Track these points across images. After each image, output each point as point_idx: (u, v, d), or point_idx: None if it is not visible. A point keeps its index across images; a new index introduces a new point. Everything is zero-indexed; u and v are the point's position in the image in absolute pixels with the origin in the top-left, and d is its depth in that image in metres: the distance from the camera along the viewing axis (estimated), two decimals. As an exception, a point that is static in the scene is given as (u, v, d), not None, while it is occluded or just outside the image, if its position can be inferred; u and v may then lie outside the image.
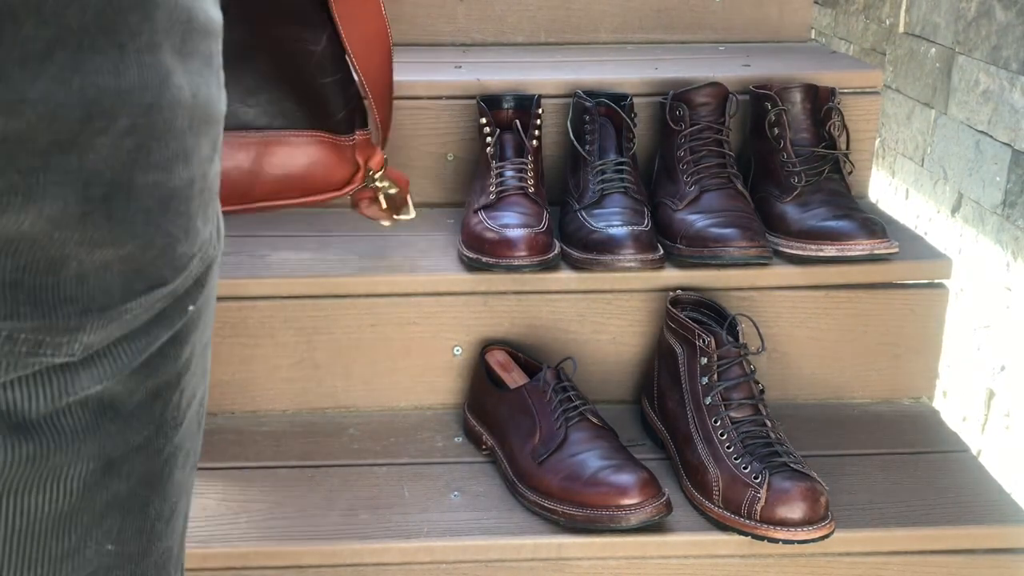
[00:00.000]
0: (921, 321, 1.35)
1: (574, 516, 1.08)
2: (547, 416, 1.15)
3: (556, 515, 1.10)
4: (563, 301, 1.32)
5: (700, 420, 1.15)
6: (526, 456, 1.14)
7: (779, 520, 1.06)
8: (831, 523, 1.07)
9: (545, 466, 1.12)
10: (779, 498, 1.07)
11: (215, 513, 1.14)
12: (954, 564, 1.14)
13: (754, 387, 1.16)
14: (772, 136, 1.37)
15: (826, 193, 1.32)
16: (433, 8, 1.75)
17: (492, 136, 1.35)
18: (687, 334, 1.20)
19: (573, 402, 1.16)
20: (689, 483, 1.14)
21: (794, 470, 1.09)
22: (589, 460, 1.10)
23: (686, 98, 1.35)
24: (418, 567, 1.11)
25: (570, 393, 1.17)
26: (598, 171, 1.33)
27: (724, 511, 1.09)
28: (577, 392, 1.18)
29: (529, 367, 1.30)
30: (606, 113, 1.35)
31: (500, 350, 1.31)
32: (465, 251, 1.29)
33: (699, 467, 1.13)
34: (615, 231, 1.25)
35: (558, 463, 1.11)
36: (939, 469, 1.23)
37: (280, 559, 1.10)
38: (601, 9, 1.77)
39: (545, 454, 1.12)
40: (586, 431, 1.14)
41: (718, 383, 1.15)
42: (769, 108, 1.37)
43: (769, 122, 1.37)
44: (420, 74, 1.52)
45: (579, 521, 1.08)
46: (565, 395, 1.17)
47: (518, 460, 1.15)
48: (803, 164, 1.34)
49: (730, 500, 1.09)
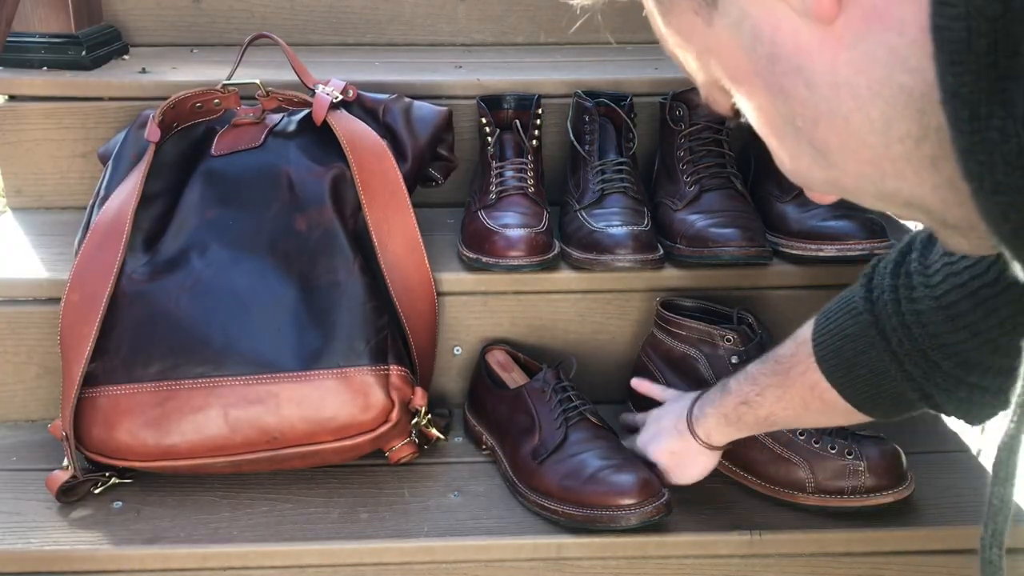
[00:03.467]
0: (921, 321, 1.35)
1: (574, 516, 1.08)
2: (547, 416, 1.15)
3: (556, 515, 1.10)
4: (563, 301, 1.32)
5: None
6: (526, 456, 1.14)
7: (882, 486, 1.10)
8: (911, 481, 1.12)
9: (545, 466, 1.12)
10: (877, 465, 1.10)
11: (215, 513, 1.14)
12: (954, 564, 1.14)
13: None
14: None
15: (826, 193, 1.32)
16: (433, 8, 1.75)
17: (492, 136, 1.35)
18: (705, 337, 1.19)
19: (573, 402, 1.16)
20: (764, 482, 1.15)
21: (869, 437, 1.13)
22: (589, 460, 1.10)
23: (686, 98, 1.35)
24: (418, 567, 1.11)
25: (570, 393, 1.17)
26: (598, 171, 1.32)
27: (824, 496, 1.12)
28: (577, 392, 1.18)
29: (529, 367, 1.30)
30: (606, 113, 1.35)
31: (500, 350, 1.31)
32: (465, 251, 1.29)
33: (777, 461, 1.13)
34: (615, 231, 1.25)
35: (558, 463, 1.11)
36: (939, 469, 1.22)
37: (280, 559, 1.10)
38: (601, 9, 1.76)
39: (545, 454, 1.12)
40: (586, 431, 1.14)
41: None
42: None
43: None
44: (420, 74, 1.52)
45: (579, 521, 1.08)
46: (565, 395, 1.17)
47: (518, 460, 1.15)
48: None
49: (827, 485, 1.11)
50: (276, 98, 1.31)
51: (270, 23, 1.71)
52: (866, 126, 0.51)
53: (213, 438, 1.14)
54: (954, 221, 0.54)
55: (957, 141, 0.46)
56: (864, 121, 0.51)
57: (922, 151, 0.50)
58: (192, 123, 1.32)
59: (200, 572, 1.10)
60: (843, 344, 0.93)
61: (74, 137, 1.48)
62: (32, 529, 1.11)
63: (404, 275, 1.23)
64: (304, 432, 1.14)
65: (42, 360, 1.31)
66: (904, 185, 0.52)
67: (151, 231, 1.24)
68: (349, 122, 1.28)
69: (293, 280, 1.19)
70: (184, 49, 1.69)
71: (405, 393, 1.16)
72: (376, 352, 1.16)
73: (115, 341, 1.17)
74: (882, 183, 0.53)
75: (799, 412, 1.00)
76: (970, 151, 0.46)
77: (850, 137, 0.52)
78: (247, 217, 1.23)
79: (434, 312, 1.26)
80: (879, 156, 0.51)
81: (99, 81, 1.49)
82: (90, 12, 1.60)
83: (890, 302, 0.87)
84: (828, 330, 0.94)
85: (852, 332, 0.91)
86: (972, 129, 0.45)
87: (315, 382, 1.14)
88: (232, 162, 1.27)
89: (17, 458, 1.25)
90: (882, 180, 0.53)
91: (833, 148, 0.53)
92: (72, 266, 1.21)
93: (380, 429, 1.15)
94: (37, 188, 1.51)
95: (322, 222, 1.21)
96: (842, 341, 0.93)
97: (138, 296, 1.19)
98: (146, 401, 1.14)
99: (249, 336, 1.16)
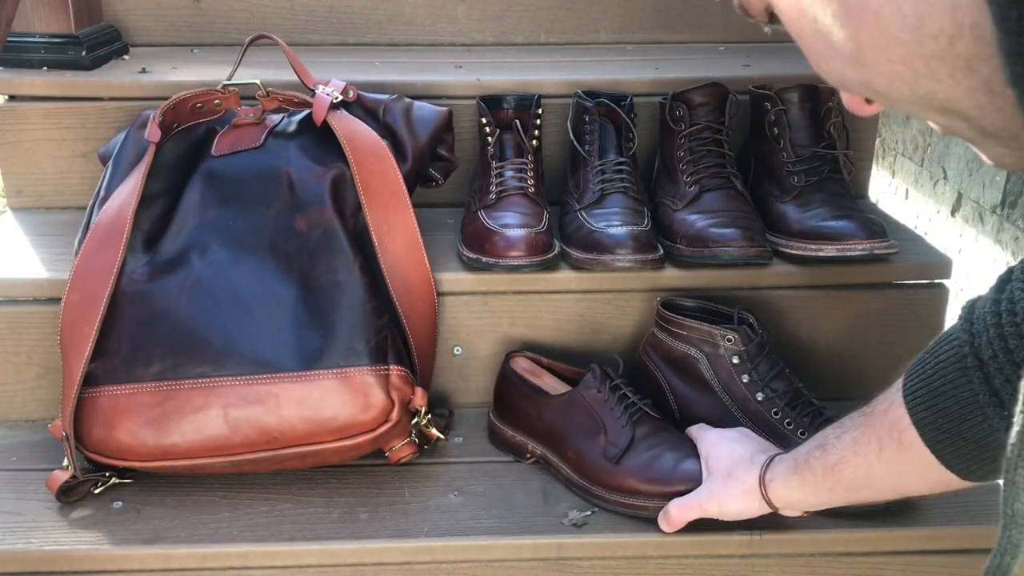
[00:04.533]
0: (921, 321, 1.35)
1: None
2: (610, 416, 1.16)
3: (647, 511, 1.11)
4: (563, 301, 1.32)
5: (757, 418, 1.16)
6: (596, 458, 1.14)
7: None
8: None
9: (623, 465, 1.12)
10: None
11: (215, 513, 1.14)
12: (954, 564, 1.14)
13: (788, 372, 1.19)
14: (772, 136, 1.37)
15: (826, 193, 1.32)
16: (433, 8, 1.75)
17: (492, 136, 1.35)
18: (706, 337, 1.20)
19: (630, 398, 1.17)
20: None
21: None
22: (665, 452, 1.12)
23: (685, 98, 1.35)
24: (418, 567, 1.11)
25: (625, 391, 1.18)
26: (598, 171, 1.33)
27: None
28: (632, 388, 1.19)
29: (553, 371, 1.29)
30: (606, 113, 1.35)
31: (523, 356, 1.30)
32: (465, 251, 1.29)
33: None
34: (615, 231, 1.25)
35: (635, 460, 1.12)
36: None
37: (280, 559, 1.10)
38: (601, 9, 1.77)
39: (619, 453, 1.13)
40: (649, 425, 1.16)
41: (759, 378, 1.17)
42: (769, 108, 1.37)
43: (769, 122, 1.37)
44: (420, 74, 1.52)
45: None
46: (621, 392, 1.17)
47: (587, 463, 1.15)
48: (803, 164, 1.34)
49: None
50: (276, 98, 1.31)
51: (270, 23, 1.71)
52: (897, 22, 0.48)
53: (213, 438, 1.14)
54: (992, 129, 0.51)
55: (1003, 42, 0.44)
56: (895, 16, 0.48)
57: (956, 50, 0.47)
58: (192, 123, 1.32)
59: (200, 572, 1.10)
60: (934, 373, 0.85)
61: (74, 137, 1.48)
62: (32, 529, 1.11)
63: (404, 275, 1.23)
64: (304, 432, 1.14)
65: (42, 360, 1.31)
66: (938, 88, 0.50)
67: (151, 231, 1.24)
68: (349, 122, 1.28)
69: (293, 280, 1.19)
70: (184, 49, 1.70)
71: (405, 393, 1.16)
72: (376, 352, 1.16)
73: (115, 341, 1.17)
74: (915, 84, 0.50)
75: (871, 461, 0.90)
76: (1018, 53, 0.43)
77: (881, 34, 0.49)
78: (247, 217, 1.23)
79: (434, 312, 1.26)
80: (911, 55, 0.49)
81: (99, 81, 1.49)
82: (90, 12, 1.60)
83: (990, 314, 0.81)
84: (922, 359, 0.87)
85: (945, 358, 0.85)
86: (1021, 29, 0.42)
87: (315, 382, 1.14)
88: (232, 162, 1.27)
89: (17, 458, 1.25)
90: (915, 81, 0.50)
91: (865, 46, 0.51)
92: (72, 266, 1.21)
93: (380, 429, 1.15)
94: (37, 188, 1.51)
95: (322, 222, 1.21)
96: (933, 369, 0.85)
97: (138, 296, 1.19)
98: (146, 401, 1.14)
99: (249, 336, 1.16)
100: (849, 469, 0.92)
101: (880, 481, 0.92)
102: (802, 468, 0.97)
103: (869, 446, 0.90)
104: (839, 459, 0.92)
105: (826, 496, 0.97)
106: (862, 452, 0.90)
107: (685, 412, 1.22)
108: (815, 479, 0.95)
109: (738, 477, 1.03)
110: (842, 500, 0.98)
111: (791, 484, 0.98)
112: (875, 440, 0.89)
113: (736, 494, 1.03)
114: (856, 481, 0.92)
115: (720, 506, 1.05)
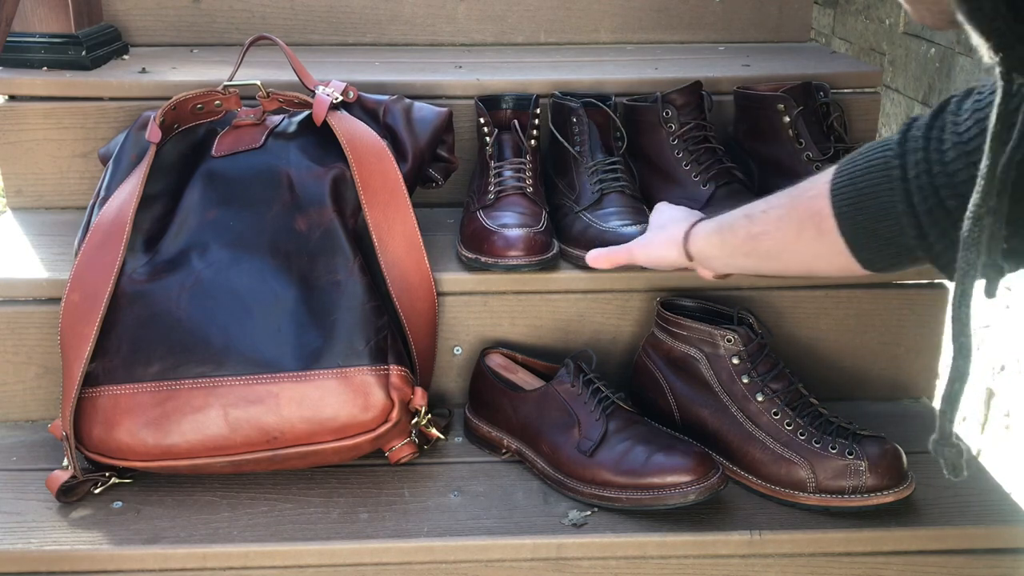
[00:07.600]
0: (921, 321, 1.35)
1: (641, 499, 1.10)
2: (583, 409, 1.16)
3: (620, 502, 1.11)
4: (563, 301, 1.32)
5: (757, 418, 1.16)
6: (571, 451, 1.15)
7: (883, 486, 1.11)
8: (912, 481, 1.13)
9: (596, 457, 1.13)
10: (878, 464, 1.11)
11: (215, 513, 1.14)
12: (954, 564, 1.14)
13: (788, 372, 1.19)
14: (771, 136, 1.37)
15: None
16: (433, 8, 1.75)
17: (491, 136, 1.35)
18: (706, 337, 1.20)
19: (604, 392, 1.17)
20: (766, 482, 1.15)
21: (870, 436, 1.14)
22: (638, 445, 1.13)
23: (671, 99, 1.35)
24: (418, 567, 1.11)
25: (599, 384, 1.18)
26: (592, 171, 1.32)
27: (825, 496, 1.12)
28: (605, 382, 1.19)
29: (529, 366, 1.30)
30: (591, 114, 1.35)
31: (498, 353, 1.31)
32: (464, 251, 1.29)
33: (778, 461, 1.14)
34: (628, 230, 1.24)
35: (608, 453, 1.13)
36: (939, 469, 1.21)
37: (280, 559, 1.10)
38: (601, 9, 1.77)
39: (592, 446, 1.14)
40: (623, 418, 1.16)
41: (759, 378, 1.17)
42: (768, 108, 1.37)
43: (768, 122, 1.37)
44: (420, 74, 1.52)
45: (646, 503, 1.10)
46: (595, 387, 1.18)
47: (562, 457, 1.16)
48: (802, 163, 1.34)
49: (828, 485, 1.11)
50: (277, 99, 1.31)
51: (270, 23, 1.72)
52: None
53: (213, 438, 1.14)
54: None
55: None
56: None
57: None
58: (193, 124, 1.32)
59: (200, 572, 1.10)
60: (863, 175, 0.91)
61: (74, 137, 1.48)
62: (32, 529, 1.11)
63: (404, 275, 1.23)
64: (304, 432, 1.14)
65: (42, 360, 1.31)
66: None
67: (151, 231, 1.24)
68: (349, 123, 1.28)
69: (293, 280, 1.19)
70: (184, 49, 1.70)
71: (405, 393, 1.16)
72: (376, 352, 1.16)
73: (115, 341, 1.17)
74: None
75: (790, 238, 0.98)
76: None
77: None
78: (247, 217, 1.23)
79: (434, 312, 1.26)
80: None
81: (99, 81, 1.49)
82: (90, 12, 1.60)
83: (922, 138, 0.87)
84: (853, 159, 0.93)
85: (876, 163, 0.91)
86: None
87: (315, 382, 1.14)
88: (233, 163, 1.27)
89: (17, 458, 1.25)
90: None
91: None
92: (72, 266, 1.21)
93: (380, 429, 1.15)
94: (37, 188, 1.51)
95: (322, 222, 1.21)
96: (863, 171, 0.91)
97: (138, 296, 1.19)
98: (146, 401, 1.15)
99: (249, 336, 1.16)
100: (769, 241, 1.00)
101: (793, 256, 1.00)
102: (725, 230, 1.05)
103: (790, 225, 0.97)
104: (762, 231, 1.00)
105: (740, 260, 1.06)
106: (783, 229, 0.98)
107: (685, 412, 1.22)
108: (735, 242, 1.04)
109: (667, 229, 1.14)
110: (753, 268, 1.07)
111: (711, 241, 1.07)
112: (797, 221, 0.97)
113: (661, 242, 1.14)
114: (771, 253, 1.01)
115: (645, 251, 1.16)
